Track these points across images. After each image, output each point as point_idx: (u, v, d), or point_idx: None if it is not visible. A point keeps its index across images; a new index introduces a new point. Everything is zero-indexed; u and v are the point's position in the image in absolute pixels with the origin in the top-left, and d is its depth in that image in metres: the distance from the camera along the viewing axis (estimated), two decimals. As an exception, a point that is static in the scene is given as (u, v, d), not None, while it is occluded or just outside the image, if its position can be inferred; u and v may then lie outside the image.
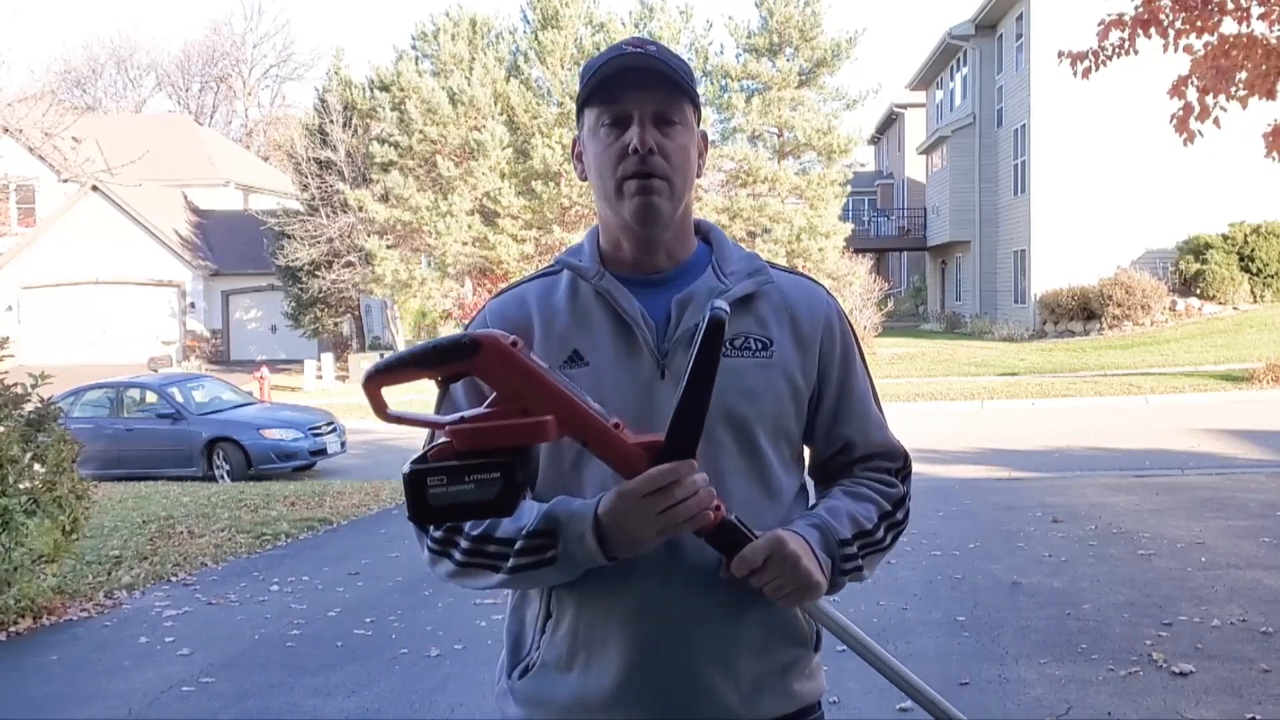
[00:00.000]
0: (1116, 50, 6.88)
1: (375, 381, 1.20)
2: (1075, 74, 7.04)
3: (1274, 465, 9.19)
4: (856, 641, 1.34)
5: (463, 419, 1.19)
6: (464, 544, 1.33)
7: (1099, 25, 6.90)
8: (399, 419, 1.24)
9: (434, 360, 1.18)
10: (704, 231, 1.48)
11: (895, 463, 1.48)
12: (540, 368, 1.19)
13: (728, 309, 1.20)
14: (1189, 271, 22.39)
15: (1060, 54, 7.24)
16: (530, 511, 1.31)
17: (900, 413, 12.57)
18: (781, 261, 19.21)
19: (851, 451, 1.46)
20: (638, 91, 1.33)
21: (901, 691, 1.39)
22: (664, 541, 1.28)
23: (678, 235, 1.41)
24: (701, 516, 1.22)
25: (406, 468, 1.19)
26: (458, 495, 1.17)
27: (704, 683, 1.32)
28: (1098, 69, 7.01)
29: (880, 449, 1.47)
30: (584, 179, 1.43)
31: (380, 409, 1.22)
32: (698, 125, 1.40)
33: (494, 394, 1.20)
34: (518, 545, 1.29)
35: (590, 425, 1.20)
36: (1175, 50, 6.78)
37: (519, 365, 1.18)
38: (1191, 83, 6.93)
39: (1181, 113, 7.03)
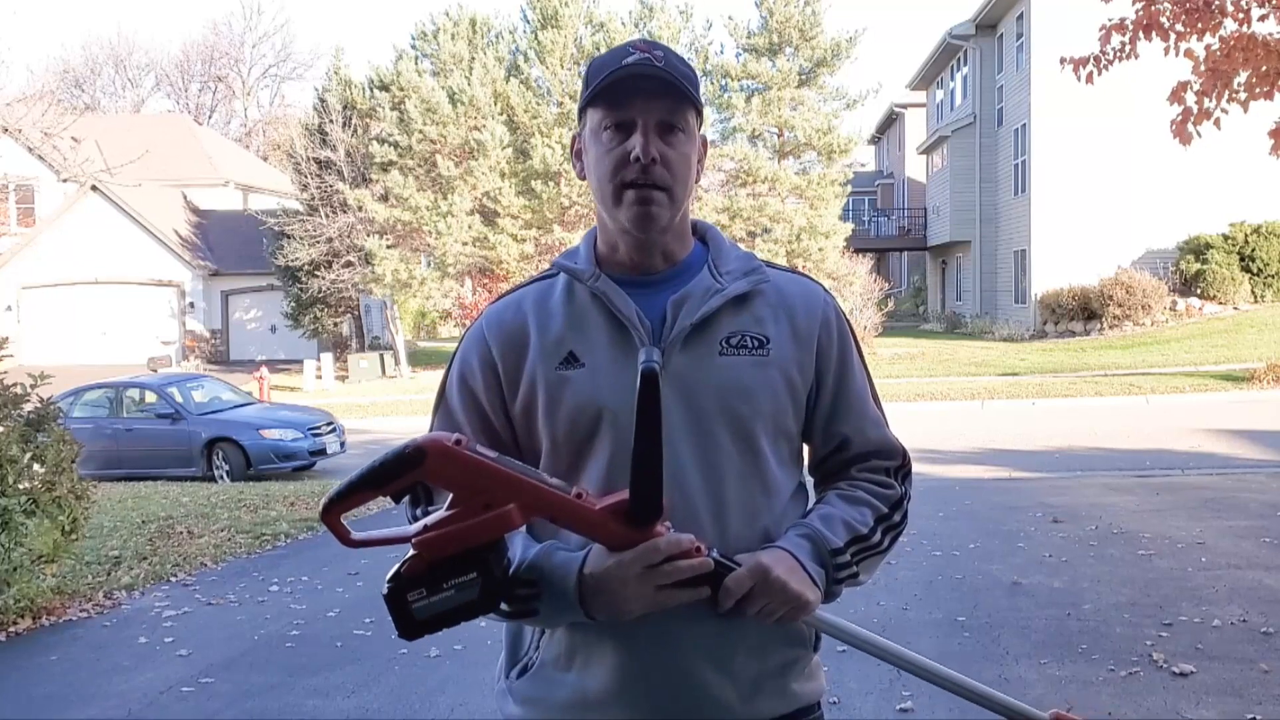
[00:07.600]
0: (1118, 55, 6.88)
1: (333, 512, 1.17)
2: (1078, 79, 7.04)
3: (1274, 465, 9.18)
4: (860, 640, 1.34)
5: (426, 528, 1.17)
6: None
7: (1100, 30, 6.90)
8: (364, 543, 1.22)
9: (384, 479, 1.15)
10: (701, 231, 1.48)
11: (893, 461, 1.46)
12: (488, 458, 1.17)
13: (659, 362, 1.19)
14: (1189, 271, 22.39)
15: (1062, 60, 7.23)
16: (518, 548, 1.30)
17: (900, 413, 12.55)
18: (781, 261, 19.28)
19: (848, 449, 1.45)
20: (644, 99, 1.31)
21: (919, 678, 1.39)
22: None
23: (675, 237, 1.41)
24: (700, 590, 1.23)
25: (384, 588, 1.18)
26: (441, 604, 1.18)
27: (701, 683, 1.32)
28: (1100, 74, 7.00)
29: (877, 447, 1.45)
30: (583, 178, 1.42)
31: (343, 537, 1.19)
32: (700, 130, 1.39)
33: (450, 496, 1.18)
34: None
35: (554, 503, 1.19)
36: (1177, 55, 6.78)
37: (467, 463, 1.15)
38: (1191, 87, 6.92)
39: (1180, 118, 7.02)
